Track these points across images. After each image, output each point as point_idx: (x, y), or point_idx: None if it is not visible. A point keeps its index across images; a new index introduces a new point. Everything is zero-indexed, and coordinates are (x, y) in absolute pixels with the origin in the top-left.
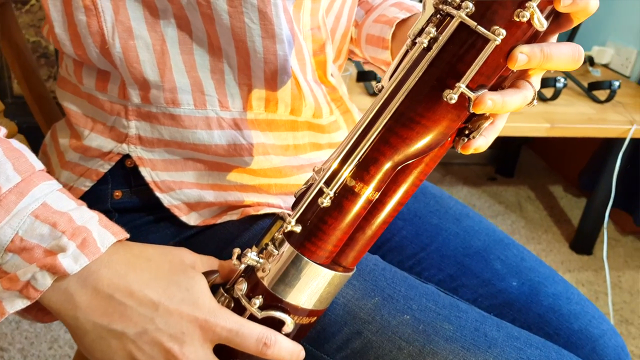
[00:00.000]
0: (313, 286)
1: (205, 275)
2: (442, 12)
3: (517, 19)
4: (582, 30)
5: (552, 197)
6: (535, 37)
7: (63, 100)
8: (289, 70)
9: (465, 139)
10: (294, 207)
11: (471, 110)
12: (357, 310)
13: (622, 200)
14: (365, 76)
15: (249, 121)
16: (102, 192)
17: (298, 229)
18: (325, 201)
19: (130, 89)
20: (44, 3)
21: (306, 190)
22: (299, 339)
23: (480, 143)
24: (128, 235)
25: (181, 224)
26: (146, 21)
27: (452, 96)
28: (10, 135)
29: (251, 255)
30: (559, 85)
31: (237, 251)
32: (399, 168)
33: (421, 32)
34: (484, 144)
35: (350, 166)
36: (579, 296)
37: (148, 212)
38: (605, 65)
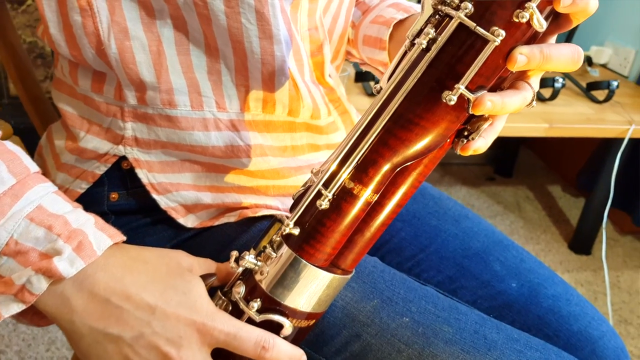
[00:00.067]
0: (311, 289)
1: (203, 278)
2: (441, 13)
3: (517, 20)
4: (581, 30)
5: (551, 197)
6: (535, 38)
7: (59, 102)
8: (286, 71)
9: (465, 141)
10: (292, 209)
11: (470, 112)
12: (356, 313)
13: (621, 200)
14: (363, 77)
15: (247, 122)
16: (99, 194)
17: (296, 231)
18: (323, 203)
19: (126, 90)
20: (38, 4)
21: (304, 192)
22: (297, 342)
23: (480, 144)
24: (124, 238)
25: (178, 226)
26: (142, 22)
27: (451, 97)
28: (5, 136)
29: (249, 258)
30: (558, 85)
31: (235, 254)
32: (398, 170)
33: (420, 33)
34: (483, 145)
35: (349, 168)
36: (579, 297)
37: (145, 215)
38: (603, 65)
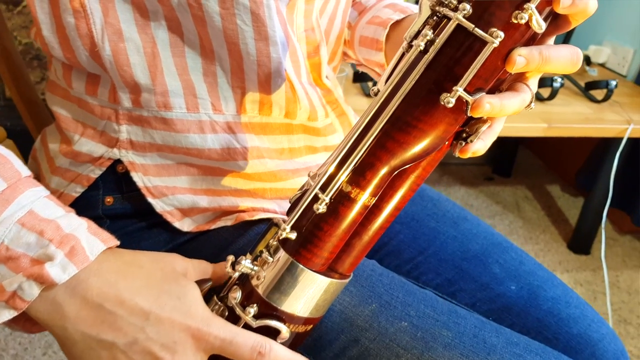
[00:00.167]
0: (309, 294)
1: (198, 283)
2: (439, 14)
3: (515, 21)
4: (579, 30)
5: (550, 197)
6: (534, 39)
7: (53, 105)
8: (283, 73)
9: (463, 143)
10: (289, 213)
11: (469, 114)
12: (354, 318)
13: (620, 200)
14: (361, 77)
15: (243, 124)
16: (93, 198)
17: (293, 235)
18: (320, 207)
19: (120, 92)
20: (30, 6)
21: (301, 196)
22: (295, 347)
23: (478, 147)
24: (118, 242)
25: (174, 230)
26: (136, 23)
27: (450, 100)
28: None
29: (245, 263)
30: (556, 85)
31: (231, 258)
32: (396, 173)
33: (417, 35)
34: (482, 147)
35: (346, 171)
36: (578, 300)
37: (140, 219)
38: (602, 65)
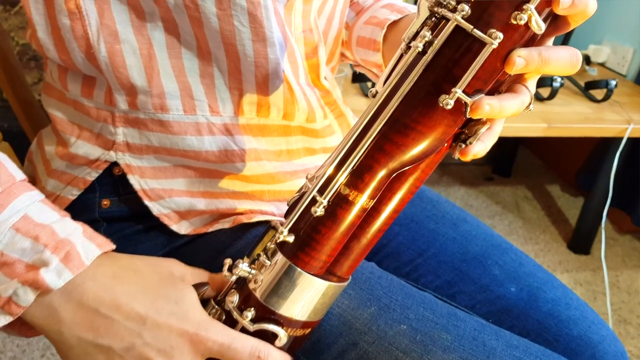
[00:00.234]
0: (307, 297)
1: (195, 287)
2: (437, 15)
3: (515, 22)
4: (579, 29)
5: (550, 197)
6: (533, 40)
7: (48, 107)
8: (280, 74)
9: (463, 145)
10: (286, 216)
11: (468, 116)
12: (353, 321)
13: (620, 200)
14: (361, 77)
15: (241, 126)
16: (90, 201)
17: (291, 238)
18: (318, 210)
19: (116, 94)
20: (25, 7)
21: (299, 198)
22: (293, 351)
23: (479, 149)
24: (114, 247)
25: (171, 233)
26: (132, 24)
27: (448, 101)
28: None
29: (243, 266)
30: (556, 84)
31: (229, 262)
32: (394, 175)
33: (416, 36)
34: (482, 149)
35: (344, 174)
36: (578, 301)
37: (137, 221)
38: (601, 64)
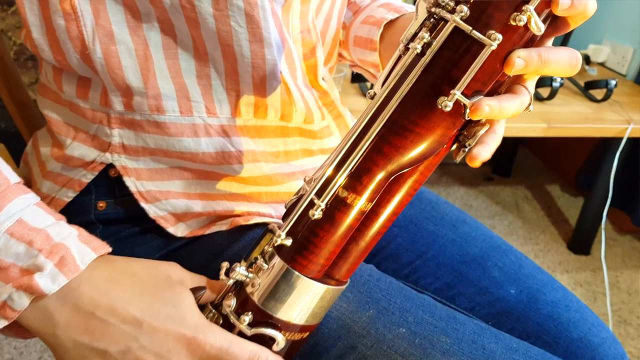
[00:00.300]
0: (305, 301)
1: (193, 291)
2: (436, 16)
3: (514, 23)
4: (578, 29)
5: (550, 197)
6: (532, 41)
7: (44, 108)
8: (278, 75)
9: (465, 149)
10: (284, 219)
11: (468, 117)
12: (352, 324)
13: (620, 200)
14: (360, 77)
15: (238, 128)
16: (86, 203)
17: (288, 242)
18: (316, 213)
19: (112, 96)
20: (20, 7)
21: (297, 201)
22: (291, 355)
23: (485, 154)
24: (110, 250)
25: (168, 236)
26: (128, 25)
27: (447, 103)
28: None
29: (240, 270)
30: (556, 84)
31: (226, 265)
32: (393, 177)
33: (414, 37)
34: (487, 153)
35: (342, 177)
36: (578, 303)
37: (133, 224)
38: (601, 64)
